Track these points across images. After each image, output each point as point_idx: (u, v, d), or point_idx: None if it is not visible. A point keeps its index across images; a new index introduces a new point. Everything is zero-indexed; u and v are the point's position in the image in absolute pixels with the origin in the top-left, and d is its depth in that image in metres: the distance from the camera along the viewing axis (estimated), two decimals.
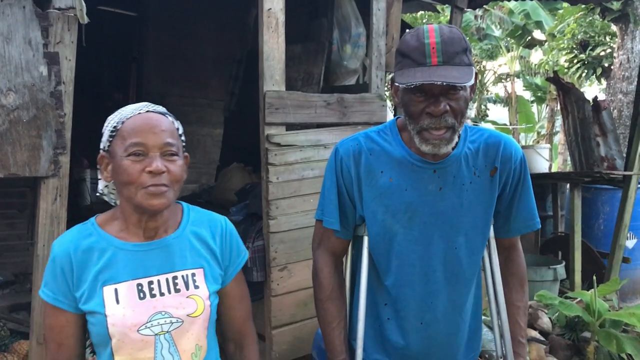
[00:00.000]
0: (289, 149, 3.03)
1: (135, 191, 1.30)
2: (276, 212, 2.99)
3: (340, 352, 1.65)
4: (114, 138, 1.34)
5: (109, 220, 1.40)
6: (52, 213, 2.34)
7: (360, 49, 4.25)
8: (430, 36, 1.40)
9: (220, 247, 1.45)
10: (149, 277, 1.35)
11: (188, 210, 1.47)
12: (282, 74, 3.01)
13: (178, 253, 1.39)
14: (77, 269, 1.32)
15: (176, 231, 1.41)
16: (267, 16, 2.93)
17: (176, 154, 1.34)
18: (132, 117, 1.33)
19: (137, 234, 1.37)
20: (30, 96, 2.25)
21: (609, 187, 5.37)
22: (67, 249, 1.33)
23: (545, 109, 16.83)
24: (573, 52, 10.89)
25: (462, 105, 1.44)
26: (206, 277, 1.41)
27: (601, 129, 6.14)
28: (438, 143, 1.46)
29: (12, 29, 2.20)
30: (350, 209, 1.63)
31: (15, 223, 4.29)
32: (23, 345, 2.99)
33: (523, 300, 1.75)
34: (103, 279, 1.32)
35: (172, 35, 5.39)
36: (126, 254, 1.35)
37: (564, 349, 3.54)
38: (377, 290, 1.65)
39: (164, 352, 1.33)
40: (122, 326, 1.30)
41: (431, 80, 1.36)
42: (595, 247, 5.13)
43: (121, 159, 1.30)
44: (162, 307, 1.34)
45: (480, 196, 1.58)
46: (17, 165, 2.23)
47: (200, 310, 1.37)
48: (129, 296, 1.32)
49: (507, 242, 1.74)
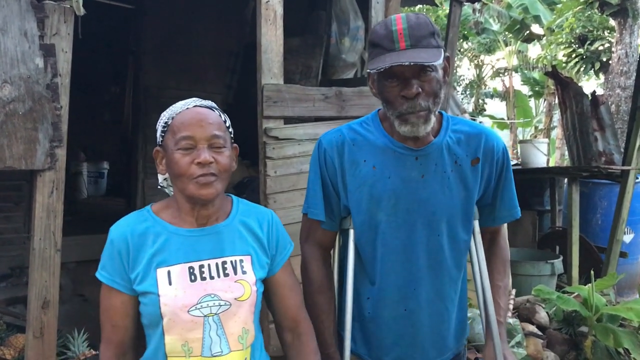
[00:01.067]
0: (287, 142, 3.02)
1: (187, 182, 1.37)
2: (274, 206, 2.97)
3: (329, 344, 1.66)
4: (165, 133, 1.42)
5: (163, 208, 1.48)
6: (48, 206, 2.32)
7: (359, 42, 4.23)
8: (397, 23, 1.46)
9: (267, 237, 1.52)
10: (200, 261, 1.42)
11: (237, 202, 1.55)
12: (280, 67, 2.99)
13: (228, 240, 1.46)
14: (133, 251, 1.40)
15: (226, 220, 1.48)
16: (265, 9, 2.91)
17: (223, 145, 1.41)
18: (182, 112, 1.41)
19: (189, 221, 1.45)
20: (26, 88, 2.23)
21: (606, 182, 5.38)
22: (124, 232, 1.41)
23: (543, 103, 16.86)
24: (571, 47, 10.90)
25: (435, 86, 1.48)
26: (253, 264, 1.47)
27: (599, 123, 6.13)
28: (416, 122, 1.49)
29: (8, 20, 2.18)
30: (335, 200, 1.65)
31: (11, 216, 4.27)
32: (19, 338, 2.98)
33: (504, 281, 1.77)
34: (157, 261, 1.40)
35: (169, 28, 5.37)
36: (179, 239, 1.42)
37: (561, 344, 3.55)
38: (361, 284, 1.67)
39: (212, 333, 1.39)
40: (173, 306, 1.36)
41: (399, 62, 1.41)
42: (593, 241, 5.14)
43: (172, 152, 1.38)
44: (212, 290, 1.40)
45: (461, 184, 1.61)
46: (13, 158, 2.21)
47: (248, 295, 1.42)
48: (181, 278, 1.39)
49: (492, 229, 1.78)
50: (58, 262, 2.38)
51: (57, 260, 2.37)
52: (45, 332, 2.33)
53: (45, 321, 2.33)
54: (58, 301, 2.41)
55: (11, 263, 4.19)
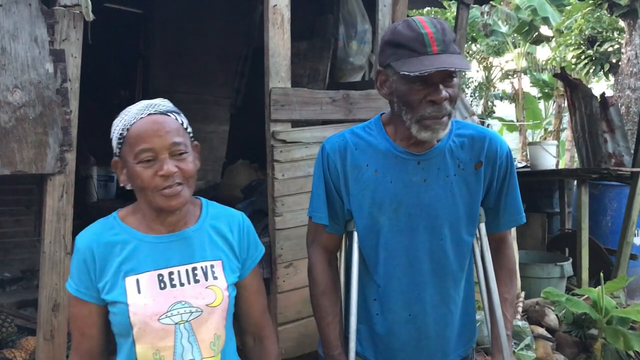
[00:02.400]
0: (295, 145, 3.03)
1: (152, 195, 1.34)
2: (282, 209, 2.99)
3: (335, 346, 1.67)
4: (122, 145, 1.37)
5: (130, 213, 1.44)
6: (58, 210, 2.34)
7: (366, 45, 4.24)
8: (424, 26, 1.44)
9: (238, 241, 1.49)
10: (169, 267, 1.39)
11: (207, 205, 1.51)
12: (288, 71, 3.00)
13: (198, 245, 1.43)
14: (100, 261, 1.36)
15: (195, 224, 1.45)
16: (272, 12, 2.92)
17: (185, 151, 1.36)
18: (136, 123, 1.35)
19: (157, 227, 1.42)
20: (37, 93, 2.25)
21: (616, 184, 5.35)
22: (89, 242, 1.38)
23: (553, 105, 16.78)
24: (580, 48, 10.84)
25: (457, 92, 1.50)
26: (224, 269, 1.44)
27: (609, 125, 6.11)
28: (438, 128, 1.49)
29: (18, 26, 2.20)
30: (339, 204, 1.66)
31: (22, 220, 4.31)
32: (30, 341, 3.01)
33: (510, 293, 1.76)
34: (125, 270, 1.37)
35: (178, 32, 5.40)
36: (147, 246, 1.39)
37: (570, 346, 3.53)
38: (366, 285, 1.67)
39: (183, 341, 1.37)
40: (143, 315, 1.33)
41: (444, 67, 1.39)
42: (603, 244, 5.11)
43: (133, 166, 1.34)
44: (182, 297, 1.37)
45: (464, 188, 1.60)
46: (24, 162, 2.23)
47: (219, 301, 1.40)
48: (150, 286, 1.36)
49: (497, 236, 1.76)
50: (68, 265, 2.39)
51: (67, 263, 2.39)
52: (56, 334, 2.35)
53: (56, 324, 2.35)
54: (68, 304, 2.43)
55: (22, 266, 4.23)
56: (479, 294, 1.79)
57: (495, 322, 1.69)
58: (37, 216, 4.27)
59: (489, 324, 1.74)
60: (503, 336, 1.67)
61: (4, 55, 2.18)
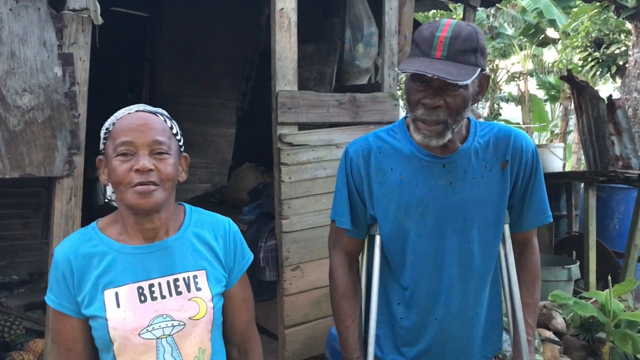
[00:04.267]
0: (302, 148, 3.03)
1: (125, 190, 1.29)
2: (289, 212, 2.99)
3: (354, 350, 1.66)
4: (107, 140, 1.34)
5: (110, 223, 1.40)
6: (66, 213, 2.36)
7: (373, 48, 4.24)
8: (443, 30, 1.42)
9: (223, 249, 1.44)
10: (149, 279, 1.34)
11: (190, 212, 1.46)
12: (295, 74, 3.01)
13: (179, 255, 1.38)
14: (78, 274, 1.32)
15: (177, 233, 1.40)
16: (279, 16, 2.93)
17: (166, 152, 1.32)
18: (123, 117, 1.33)
19: (136, 236, 1.36)
20: (45, 97, 2.27)
21: (623, 187, 5.32)
22: (67, 254, 1.33)
23: (559, 107, 16.72)
24: (587, 50, 10.81)
25: (459, 103, 1.45)
26: (209, 278, 1.39)
27: (616, 127, 6.08)
28: (428, 134, 1.49)
29: (27, 30, 2.22)
30: (361, 209, 1.65)
31: (30, 223, 4.33)
32: (38, 343, 3.02)
33: (533, 298, 1.73)
34: (104, 283, 1.32)
35: (184, 35, 5.42)
36: (126, 257, 1.34)
37: (578, 350, 3.51)
38: (390, 289, 1.66)
39: (166, 355, 1.32)
40: (123, 330, 1.29)
41: (422, 71, 1.39)
42: (610, 246, 5.08)
43: (111, 159, 1.31)
44: (164, 310, 1.32)
45: (492, 189, 1.58)
46: (32, 165, 2.25)
47: (203, 313, 1.36)
48: (129, 299, 1.31)
49: (521, 237, 1.73)
50: None
51: None
52: None
53: None
54: None
55: (30, 269, 4.25)
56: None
57: (516, 327, 1.67)
58: (45, 219, 4.29)
59: (511, 329, 1.72)
60: (524, 341, 1.66)
61: (13, 59, 2.20)
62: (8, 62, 2.18)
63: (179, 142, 1.40)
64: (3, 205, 4.15)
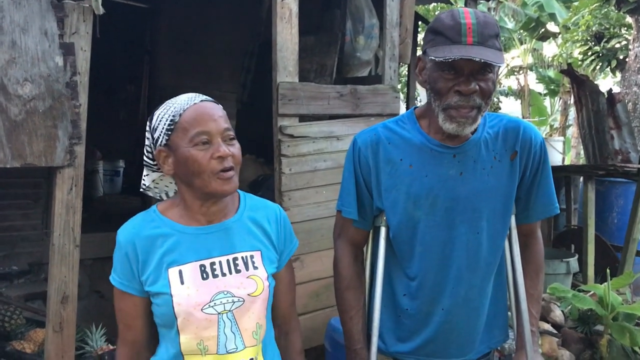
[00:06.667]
0: (302, 140, 3.03)
1: (208, 179, 1.34)
2: (289, 204, 2.99)
3: (357, 340, 1.66)
4: (172, 131, 1.37)
5: (169, 207, 1.46)
6: (67, 203, 2.36)
7: (374, 40, 4.24)
8: (466, 17, 1.44)
9: (276, 233, 1.51)
10: (211, 258, 1.41)
11: (244, 197, 1.53)
12: (296, 65, 3.01)
13: (237, 236, 1.45)
14: (142, 254, 1.39)
15: (235, 215, 1.47)
16: (280, 7, 2.93)
17: (235, 137, 1.40)
18: (189, 108, 1.37)
19: (198, 219, 1.43)
20: (46, 86, 2.26)
21: (623, 180, 5.33)
22: (131, 236, 1.40)
23: (558, 102, 16.72)
24: (587, 45, 10.80)
25: (491, 87, 1.46)
26: (264, 259, 1.46)
27: (615, 121, 6.09)
28: (463, 122, 1.47)
29: (29, 19, 2.21)
30: (368, 200, 1.64)
31: (29, 213, 4.33)
32: (39, 333, 3.03)
33: (537, 289, 1.74)
34: (168, 262, 1.39)
35: (184, 27, 5.40)
36: (189, 237, 1.41)
37: (576, 342, 3.53)
38: (396, 280, 1.66)
39: (226, 330, 1.38)
40: (187, 305, 1.35)
41: (469, 56, 1.38)
42: (609, 240, 5.10)
43: (187, 150, 1.34)
44: (224, 287, 1.39)
45: (501, 180, 1.58)
46: (34, 155, 2.25)
47: (260, 290, 1.42)
48: (192, 277, 1.38)
49: (526, 228, 1.73)
50: (77, 258, 2.41)
51: (76, 255, 2.41)
52: (65, 326, 2.37)
53: (65, 316, 2.36)
54: (77, 296, 2.45)
55: (29, 259, 4.25)
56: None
57: (520, 318, 1.68)
58: (44, 209, 4.29)
59: (514, 319, 1.72)
60: (527, 332, 1.66)
61: (14, 48, 2.19)
62: (9, 52, 2.18)
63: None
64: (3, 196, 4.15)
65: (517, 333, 1.71)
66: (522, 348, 1.68)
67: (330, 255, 1.78)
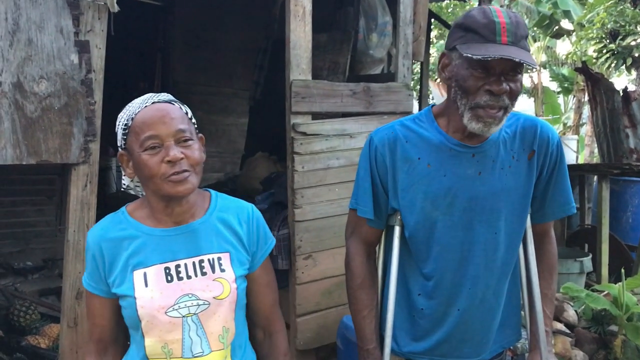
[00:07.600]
0: (315, 138, 3.03)
1: (160, 183, 1.33)
2: (301, 201, 3.00)
3: (370, 340, 1.65)
4: (127, 135, 1.37)
5: (138, 208, 1.46)
6: (82, 199, 2.38)
7: (387, 37, 4.23)
8: (499, 15, 1.41)
9: (247, 233, 1.48)
10: (176, 260, 1.40)
11: (216, 197, 1.51)
12: (309, 63, 3.00)
13: (204, 237, 1.43)
14: (109, 256, 1.39)
15: (203, 217, 1.45)
16: (294, 4, 2.92)
17: (190, 138, 1.36)
18: (140, 112, 1.35)
19: (164, 220, 1.42)
20: (62, 84, 2.28)
21: (637, 179, 5.29)
22: (97, 238, 1.41)
23: (572, 100, 16.58)
24: (602, 42, 10.67)
25: (520, 88, 1.45)
26: (232, 261, 1.44)
27: (631, 120, 6.03)
28: (490, 122, 1.45)
29: (45, 17, 2.23)
30: (384, 199, 1.62)
31: (44, 210, 4.38)
32: (54, 328, 3.07)
33: (551, 289, 1.73)
34: (133, 264, 1.38)
35: (197, 24, 5.42)
36: (154, 239, 1.40)
37: (589, 342, 3.50)
38: (411, 280, 1.64)
39: (191, 333, 1.37)
40: (150, 308, 1.35)
41: (509, 56, 1.36)
42: (623, 239, 5.05)
43: (139, 155, 1.34)
44: (189, 290, 1.38)
45: (519, 180, 1.57)
46: (49, 152, 2.27)
47: (227, 293, 1.40)
48: (157, 279, 1.37)
49: (540, 228, 1.71)
50: None
51: None
52: (79, 322, 2.39)
53: (79, 311, 2.38)
54: None
55: (43, 255, 4.30)
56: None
57: (534, 318, 1.67)
58: (58, 206, 4.34)
59: (528, 319, 1.72)
60: (542, 332, 1.65)
61: (30, 46, 2.21)
62: (25, 49, 2.20)
63: (195, 125, 1.44)
64: (17, 192, 4.19)
65: (531, 333, 1.70)
66: (536, 348, 1.67)
67: (343, 253, 1.77)
